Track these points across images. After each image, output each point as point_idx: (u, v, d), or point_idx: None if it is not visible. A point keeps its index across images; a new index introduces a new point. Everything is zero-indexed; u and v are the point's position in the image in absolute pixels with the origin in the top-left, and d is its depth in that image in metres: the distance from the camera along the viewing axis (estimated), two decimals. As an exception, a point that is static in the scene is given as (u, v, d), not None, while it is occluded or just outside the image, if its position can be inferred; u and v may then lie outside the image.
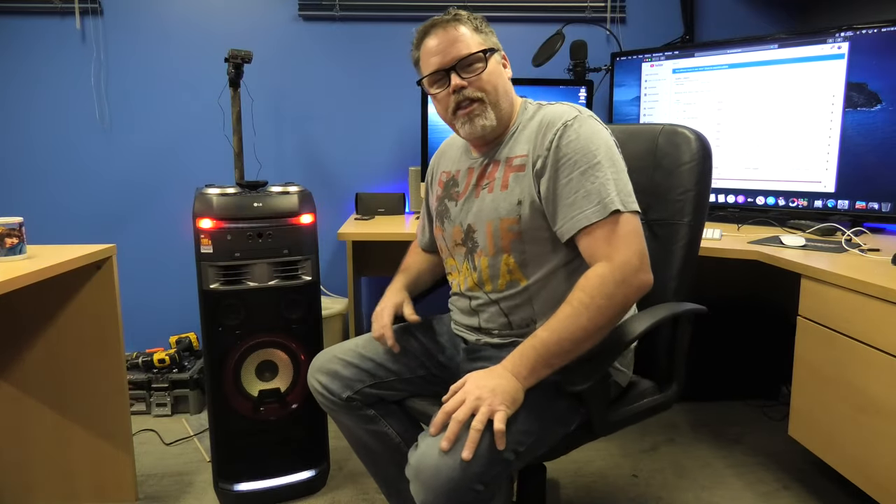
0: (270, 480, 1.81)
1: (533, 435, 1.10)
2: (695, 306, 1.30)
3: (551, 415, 1.15)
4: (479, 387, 1.06)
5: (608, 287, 1.10)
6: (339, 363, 1.36)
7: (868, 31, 1.92)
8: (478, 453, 1.01)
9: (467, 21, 1.26)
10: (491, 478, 1.04)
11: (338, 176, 2.73)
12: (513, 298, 1.27)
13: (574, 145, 1.16)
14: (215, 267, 1.69)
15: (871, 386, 1.35)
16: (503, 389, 1.05)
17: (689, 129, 1.39)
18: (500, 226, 1.24)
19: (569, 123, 1.18)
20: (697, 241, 1.37)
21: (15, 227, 1.46)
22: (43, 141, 2.63)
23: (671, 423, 2.29)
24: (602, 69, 2.59)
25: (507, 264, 1.25)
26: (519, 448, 1.08)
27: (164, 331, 2.63)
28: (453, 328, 1.42)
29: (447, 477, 1.01)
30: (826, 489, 1.85)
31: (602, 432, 1.25)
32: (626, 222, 1.14)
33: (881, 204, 1.95)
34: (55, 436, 1.77)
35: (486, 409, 1.03)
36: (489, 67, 1.25)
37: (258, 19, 2.61)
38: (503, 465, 1.05)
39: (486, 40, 1.27)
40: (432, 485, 1.02)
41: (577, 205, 1.15)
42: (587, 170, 1.15)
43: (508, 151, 1.27)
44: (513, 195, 1.23)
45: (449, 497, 1.01)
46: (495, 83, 1.26)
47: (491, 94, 1.25)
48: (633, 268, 1.12)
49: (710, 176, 1.38)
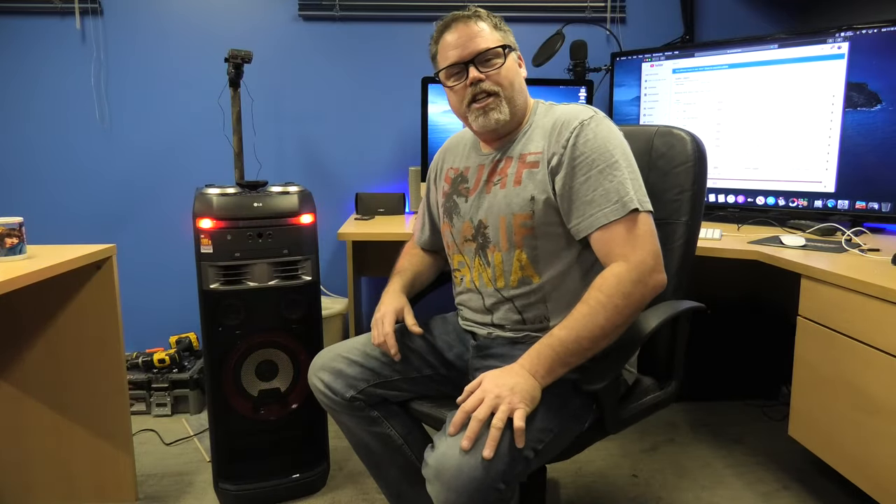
0: (270, 480, 1.81)
1: (551, 433, 1.11)
2: (694, 304, 1.32)
3: (568, 413, 1.16)
4: (497, 385, 1.06)
5: (625, 286, 1.11)
6: (343, 361, 1.34)
7: (868, 31, 1.92)
8: (499, 452, 1.01)
9: (487, 18, 1.28)
10: (513, 476, 1.04)
11: (338, 176, 2.73)
12: (526, 297, 1.27)
13: (592, 144, 1.18)
14: (215, 267, 1.69)
15: (871, 386, 1.35)
16: (522, 388, 1.06)
17: (683, 130, 1.41)
18: (514, 221, 1.25)
19: (586, 122, 1.20)
20: (695, 240, 1.39)
21: (15, 227, 1.46)
22: (43, 141, 2.63)
23: (671, 423, 2.29)
24: (602, 69, 2.59)
25: (520, 260, 1.26)
26: (538, 446, 1.08)
27: (164, 331, 2.63)
28: (462, 324, 1.41)
29: (469, 476, 1.00)
30: (826, 489, 1.85)
31: (614, 430, 1.26)
32: (642, 222, 1.16)
33: (881, 204, 1.95)
34: (55, 436, 1.77)
35: (506, 406, 1.03)
36: (507, 63, 1.27)
37: (258, 19, 2.61)
38: (524, 463, 1.06)
39: (504, 37, 1.29)
40: (454, 485, 1.01)
41: (595, 203, 1.16)
42: (605, 168, 1.16)
43: (522, 148, 1.28)
44: (526, 191, 1.24)
45: (472, 497, 1.01)
46: (512, 79, 1.27)
47: (507, 88, 1.26)
48: (648, 267, 1.13)
49: (705, 176, 1.40)
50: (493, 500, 1.02)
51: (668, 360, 1.38)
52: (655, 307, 1.29)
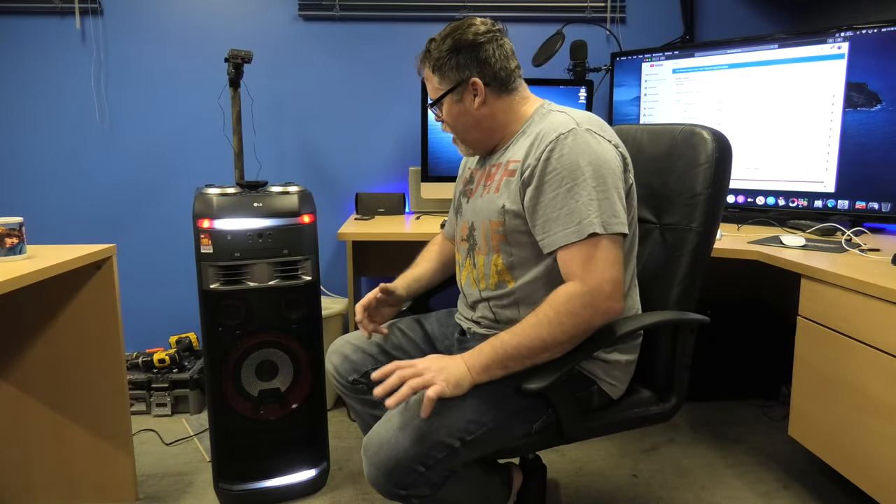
0: (270, 480, 1.81)
1: (484, 426, 1.14)
2: (693, 316, 1.26)
3: (509, 410, 1.17)
4: (430, 363, 1.12)
5: (574, 306, 1.12)
6: (350, 347, 1.44)
7: (868, 31, 1.92)
8: (419, 435, 1.08)
9: (429, 59, 1.29)
10: (434, 461, 1.09)
11: (338, 176, 2.73)
12: (500, 300, 1.29)
13: (564, 160, 1.15)
14: (215, 267, 1.69)
15: (871, 386, 1.35)
16: (450, 372, 1.10)
17: (707, 129, 1.34)
18: (490, 227, 1.27)
19: (562, 136, 1.17)
20: (706, 247, 1.31)
21: (15, 227, 1.46)
22: (43, 141, 2.63)
23: (671, 423, 2.29)
24: (602, 69, 2.59)
25: (496, 265, 1.28)
26: (466, 437, 1.12)
27: (164, 331, 2.63)
28: (456, 318, 1.47)
29: (388, 455, 1.08)
30: (826, 489, 1.85)
31: (576, 437, 1.25)
32: (603, 247, 1.13)
33: (881, 204, 1.95)
34: (55, 436, 1.77)
35: (426, 378, 1.08)
36: (445, 112, 1.31)
37: (258, 19, 2.61)
38: (447, 450, 1.10)
39: (443, 79, 1.28)
40: (375, 461, 1.10)
41: (559, 221, 1.15)
42: (573, 187, 1.14)
43: (510, 155, 1.29)
44: (500, 199, 1.25)
45: (389, 474, 1.08)
46: (455, 123, 1.32)
47: (457, 131, 1.33)
48: (603, 294, 1.12)
49: (725, 179, 1.32)
50: (411, 482, 1.09)
51: (667, 375, 1.32)
52: (638, 315, 1.27)
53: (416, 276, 1.51)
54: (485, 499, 1.32)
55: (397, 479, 1.08)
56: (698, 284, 1.32)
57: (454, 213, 1.48)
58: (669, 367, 1.32)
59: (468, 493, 1.24)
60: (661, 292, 1.33)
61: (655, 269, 1.36)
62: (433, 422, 1.09)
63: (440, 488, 1.13)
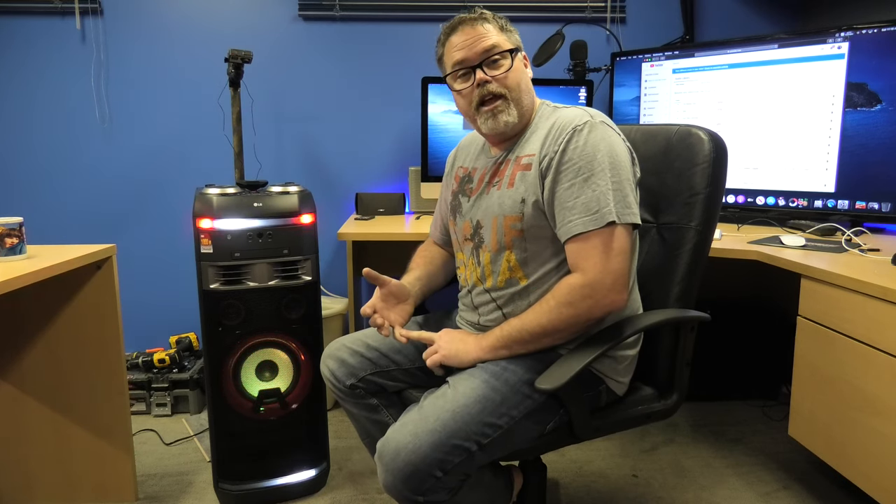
0: (270, 480, 1.81)
1: (500, 429, 1.14)
2: (697, 314, 1.28)
3: (523, 412, 1.17)
4: (446, 342, 1.26)
5: (574, 297, 1.15)
6: (347, 351, 1.41)
7: (868, 31, 1.92)
8: (436, 440, 1.07)
9: (493, 20, 1.28)
10: (452, 466, 1.08)
11: (338, 176, 2.73)
12: (510, 296, 1.29)
13: (581, 151, 1.17)
14: (215, 267, 1.69)
15: (871, 386, 1.35)
16: (459, 349, 1.23)
17: (703, 129, 1.36)
18: (504, 223, 1.26)
19: (579, 128, 1.19)
20: (705, 246, 1.33)
21: (15, 227, 1.46)
22: (43, 141, 2.63)
23: (671, 423, 2.29)
24: (602, 69, 2.59)
25: (509, 261, 1.27)
26: (482, 440, 1.12)
27: (164, 331, 2.63)
28: (458, 322, 1.45)
29: (405, 460, 1.07)
30: (826, 489, 1.85)
31: (584, 436, 1.25)
32: (617, 237, 1.15)
33: (881, 204, 1.94)
34: (55, 436, 1.77)
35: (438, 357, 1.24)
36: (514, 65, 1.27)
37: (258, 19, 2.61)
38: (464, 454, 1.10)
39: (510, 39, 1.28)
40: (391, 467, 1.08)
41: (575, 210, 1.16)
42: (590, 177, 1.16)
43: (521, 150, 1.29)
44: (517, 193, 1.24)
45: (407, 480, 1.07)
46: (518, 81, 1.27)
47: (514, 91, 1.26)
48: (603, 287, 1.14)
49: (722, 179, 1.34)
50: (429, 487, 1.08)
51: (669, 372, 1.34)
52: (642, 314, 1.28)
53: (417, 276, 1.49)
54: (491, 501, 1.32)
55: (415, 484, 1.07)
56: (697, 282, 1.34)
57: (450, 213, 1.44)
58: (671, 364, 1.34)
59: (480, 496, 1.25)
60: (661, 290, 1.34)
61: (654, 267, 1.37)
62: (449, 426, 1.09)
63: (457, 493, 1.13)
